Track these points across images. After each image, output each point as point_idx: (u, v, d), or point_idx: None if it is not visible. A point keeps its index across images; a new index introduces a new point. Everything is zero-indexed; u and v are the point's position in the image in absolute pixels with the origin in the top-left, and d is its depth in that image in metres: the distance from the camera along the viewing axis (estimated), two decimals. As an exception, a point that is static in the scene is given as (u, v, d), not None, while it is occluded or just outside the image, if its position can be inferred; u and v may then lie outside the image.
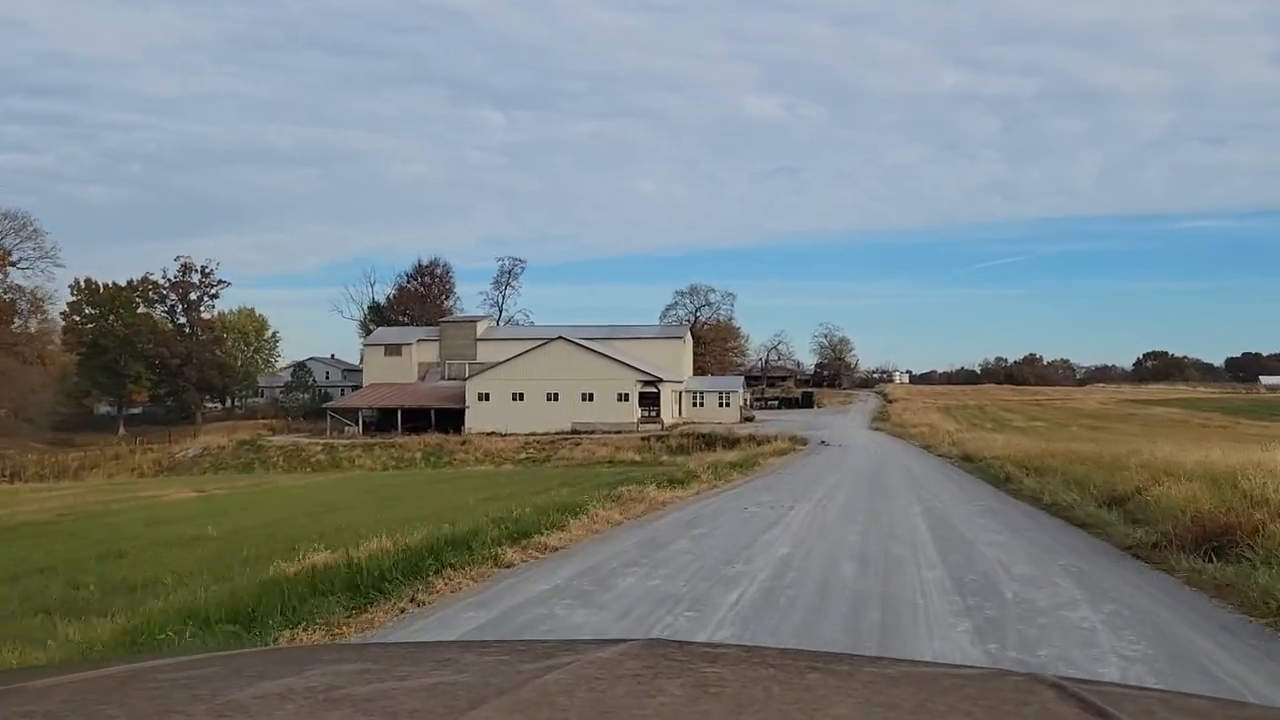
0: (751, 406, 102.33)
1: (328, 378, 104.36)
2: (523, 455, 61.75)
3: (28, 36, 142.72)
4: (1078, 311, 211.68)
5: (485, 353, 78.22)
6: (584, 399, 70.90)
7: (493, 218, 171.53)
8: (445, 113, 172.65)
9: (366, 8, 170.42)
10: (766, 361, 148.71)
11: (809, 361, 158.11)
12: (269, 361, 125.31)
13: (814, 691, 1.39)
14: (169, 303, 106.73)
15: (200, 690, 1.39)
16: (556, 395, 71.17)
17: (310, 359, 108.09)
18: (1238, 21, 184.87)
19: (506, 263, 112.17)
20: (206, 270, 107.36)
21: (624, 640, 1.67)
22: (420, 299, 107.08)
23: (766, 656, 1.66)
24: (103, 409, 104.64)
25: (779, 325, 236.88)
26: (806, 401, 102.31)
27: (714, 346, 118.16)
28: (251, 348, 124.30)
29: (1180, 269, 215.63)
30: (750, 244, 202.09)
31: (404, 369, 80.00)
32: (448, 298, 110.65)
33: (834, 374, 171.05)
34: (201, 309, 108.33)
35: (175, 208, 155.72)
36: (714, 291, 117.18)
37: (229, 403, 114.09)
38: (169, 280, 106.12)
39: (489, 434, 70.12)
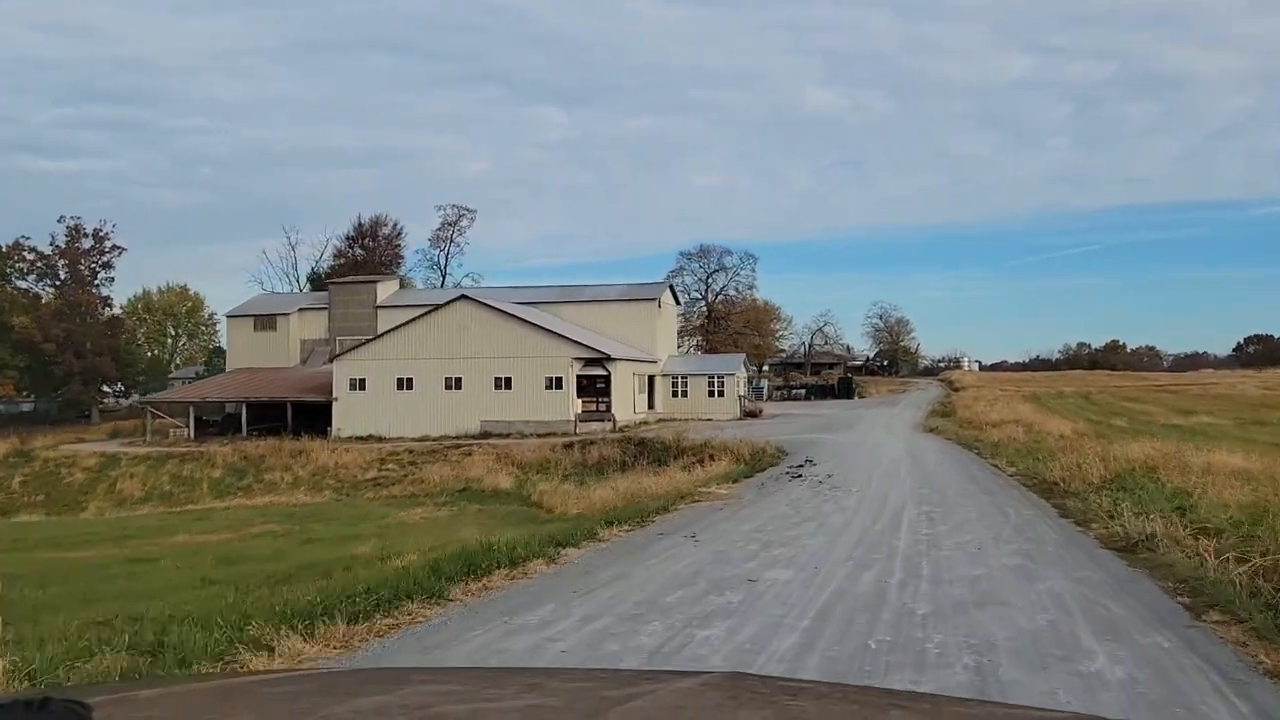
0: (770, 396, 79.01)
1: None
2: (372, 475, 39.72)
3: (98, 43, 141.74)
4: (1154, 299, 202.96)
5: (388, 324, 56.08)
6: (498, 386, 48.44)
7: (549, 215, 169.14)
8: (502, 111, 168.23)
9: (423, 8, 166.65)
10: (810, 346, 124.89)
11: (862, 347, 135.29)
12: (206, 349, 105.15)
13: None
14: (61, 276, 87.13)
15: (298, 704, 1.44)
16: (459, 381, 48.83)
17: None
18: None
19: (449, 213, 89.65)
20: (100, 234, 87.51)
21: (705, 672, 1.70)
22: (360, 268, 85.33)
23: (849, 693, 1.66)
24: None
25: (843, 317, 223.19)
26: (845, 390, 78.66)
27: (732, 322, 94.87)
28: (182, 331, 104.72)
29: (1263, 256, 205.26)
30: (812, 237, 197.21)
31: (279, 348, 58.51)
32: (398, 264, 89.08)
33: (891, 360, 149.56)
34: (97, 283, 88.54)
35: (242, 210, 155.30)
36: (730, 254, 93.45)
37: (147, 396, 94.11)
38: (57, 247, 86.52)
39: (363, 438, 48.21)
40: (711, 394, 56.36)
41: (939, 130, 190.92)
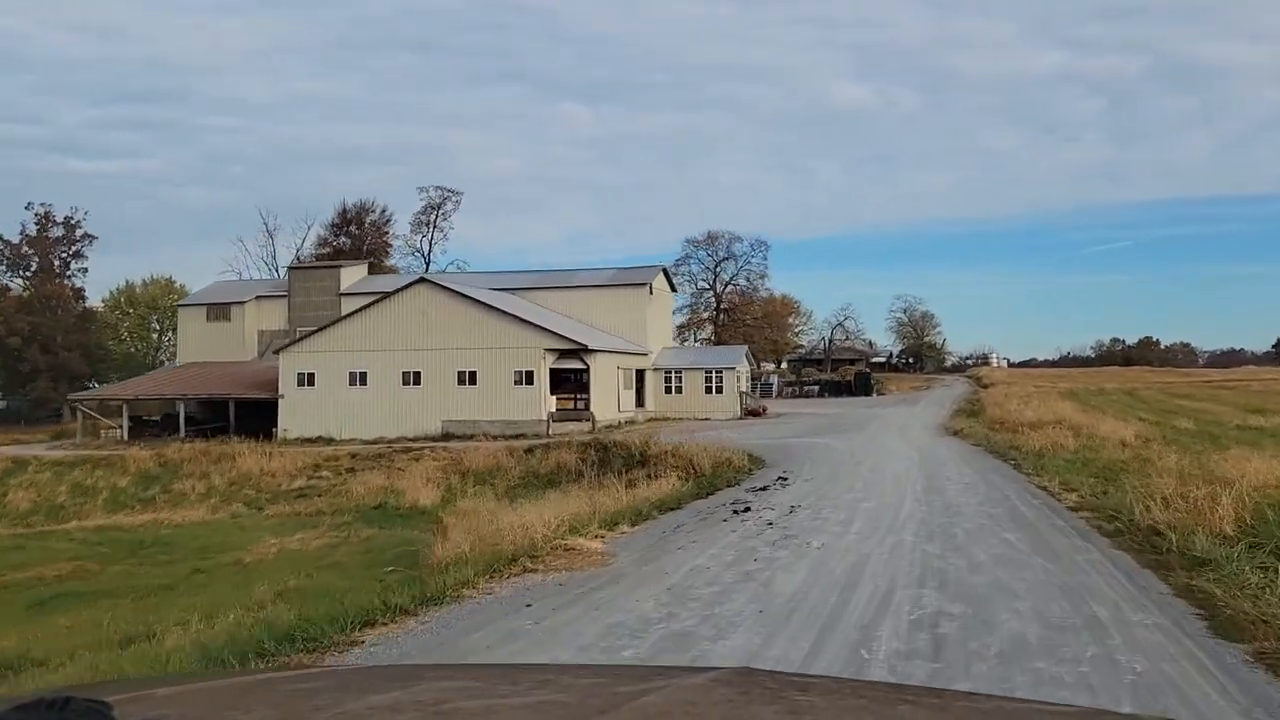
0: (780, 393, 72.92)
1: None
2: (299, 484, 34.21)
3: (128, 44, 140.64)
4: (1188, 295, 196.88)
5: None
6: (462, 381, 42.70)
7: (576, 212, 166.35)
8: (530, 108, 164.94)
9: (450, 6, 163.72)
10: (830, 341, 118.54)
11: (886, 343, 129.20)
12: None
13: None
14: (30, 267, 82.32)
15: (315, 701, 1.44)
16: (417, 376, 43.14)
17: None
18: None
19: (433, 195, 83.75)
20: (72, 223, 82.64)
21: (716, 668, 1.65)
22: (346, 257, 79.75)
23: (859, 688, 1.69)
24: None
25: (867, 315, 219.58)
26: (863, 386, 72.36)
27: (744, 314, 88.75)
28: (167, 325, 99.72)
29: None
30: (837, 233, 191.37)
31: (234, 340, 53.07)
32: (387, 253, 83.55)
33: (915, 356, 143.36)
34: (69, 275, 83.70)
35: (272, 208, 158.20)
36: (739, 240, 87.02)
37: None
38: (26, 236, 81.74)
39: (311, 440, 42.72)
40: (709, 390, 50.31)
41: (968, 125, 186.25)
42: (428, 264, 78.98)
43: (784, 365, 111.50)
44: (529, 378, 41.96)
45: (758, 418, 49.00)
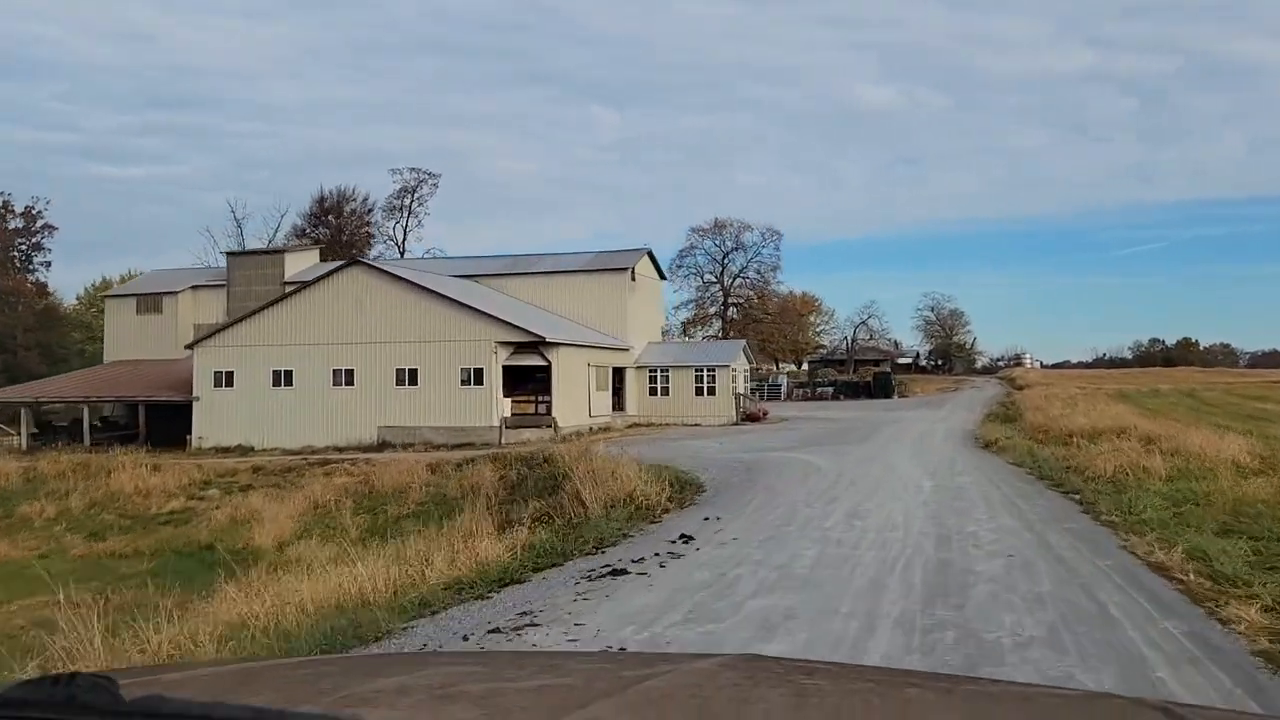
0: (790, 395, 66.14)
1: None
2: (178, 504, 27.95)
3: (159, 50, 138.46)
4: (1225, 295, 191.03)
5: (297, 305, 44.13)
6: (401, 381, 36.28)
7: (599, 215, 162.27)
8: (553, 111, 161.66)
9: (475, 9, 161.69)
10: (853, 340, 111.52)
11: (912, 343, 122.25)
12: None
13: (913, 705, 1.36)
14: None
15: (321, 684, 1.44)
16: (350, 375, 36.77)
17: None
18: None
19: (408, 178, 77.31)
20: (33, 212, 77.25)
21: (721, 654, 1.61)
22: (326, 249, 73.67)
23: (864, 672, 1.67)
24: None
25: (894, 317, 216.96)
26: (882, 388, 65.26)
27: (756, 309, 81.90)
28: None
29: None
30: (865, 235, 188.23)
31: (166, 335, 46.89)
32: (369, 245, 77.44)
33: (944, 356, 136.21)
34: (32, 269, 78.38)
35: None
36: (749, 229, 79.91)
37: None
38: (-17, 227, 76.36)
39: (228, 449, 36.63)
40: (700, 391, 43.54)
41: (997, 125, 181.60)
42: (402, 253, 72.76)
43: (804, 366, 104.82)
44: (478, 376, 35.46)
45: (756, 423, 42.28)
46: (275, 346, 37.25)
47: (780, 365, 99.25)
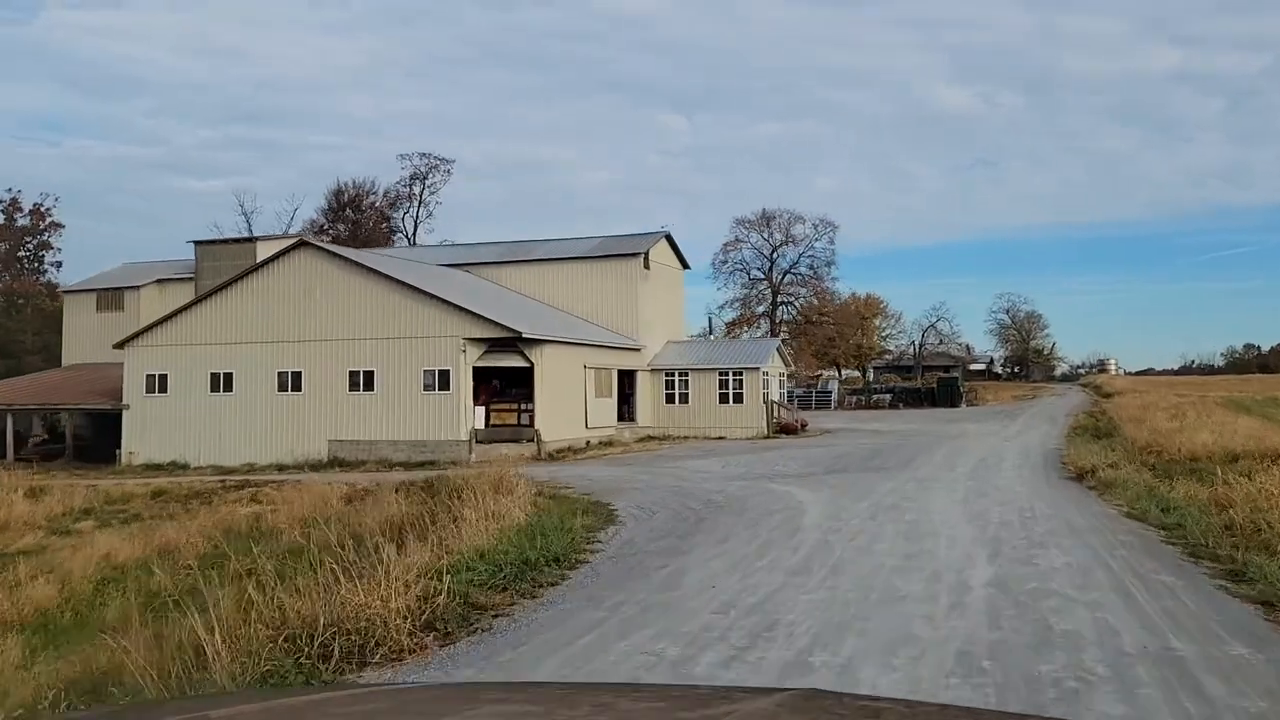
0: (842, 403, 58.97)
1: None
2: (23, 544, 22.09)
3: (242, 65, 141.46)
4: None
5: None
6: (355, 385, 30.34)
7: (669, 219, 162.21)
8: (626, 118, 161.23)
9: (546, 19, 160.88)
10: (921, 345, 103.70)
11: (986, 347, 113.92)
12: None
13: None
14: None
15: None
16: (296, 379, 30.95)
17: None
18: None
19: (418, 165, 71.71)
20: (43, 210, 73.60)
21: (781, 690, 1.57)
22: (345, 244, 68.68)
23: (930, 712, 1.61)
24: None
25: (966, 323, 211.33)
26: (948, 395, 57.58)
27: (817, 312, 74.72)
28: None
29: None
30: (940, 240, 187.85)
31: (128, 333, 41.68)
32: (390, 241, 72.20)
33: (1020, 362, 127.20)
34: (42, 270, 74.77)
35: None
36: (802, 220, 72.60)
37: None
38: (-3, 224, 72.93)
39: (160, 466, 31.22)
40: (725, 399, 36.79)
41: (1077, 126, 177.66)
42: (411, 243, 67.20)
43: (869, 373, 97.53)
44: (444, 380, 29.33)
45: (792, 435, 35.49)
46: (214, 345, 31.66)
47: (842, 371, 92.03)
